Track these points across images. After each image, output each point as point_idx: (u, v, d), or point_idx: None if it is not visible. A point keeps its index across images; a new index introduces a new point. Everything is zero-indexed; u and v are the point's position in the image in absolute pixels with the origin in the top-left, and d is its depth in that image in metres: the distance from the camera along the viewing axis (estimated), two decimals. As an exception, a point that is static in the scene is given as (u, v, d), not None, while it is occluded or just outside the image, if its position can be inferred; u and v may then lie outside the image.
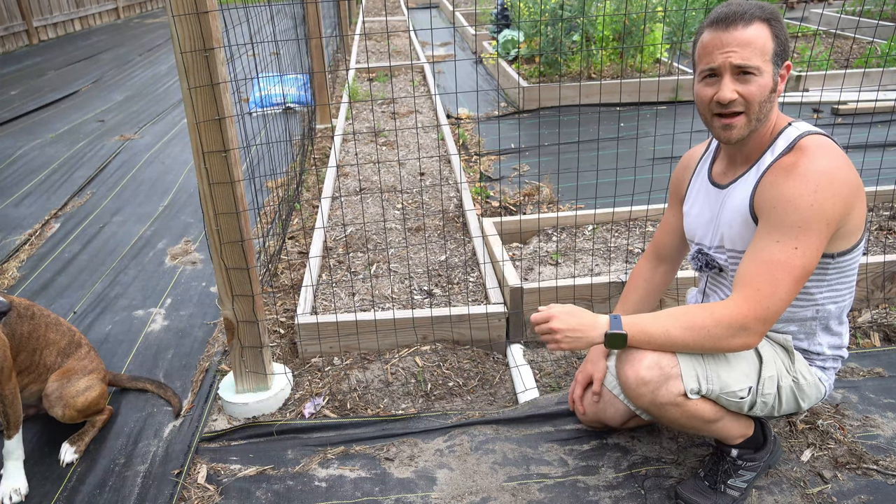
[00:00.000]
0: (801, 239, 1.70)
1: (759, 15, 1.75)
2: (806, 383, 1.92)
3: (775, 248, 1.72)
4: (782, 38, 1.76)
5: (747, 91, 1.75)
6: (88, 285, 3.55)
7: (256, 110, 6.06)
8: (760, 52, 1.73)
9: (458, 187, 4.52)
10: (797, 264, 1.71)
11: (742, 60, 1.74)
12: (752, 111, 1.77)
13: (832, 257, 1.81)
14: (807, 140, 1.77)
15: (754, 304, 1.74)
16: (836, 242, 1.79)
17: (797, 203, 1.69)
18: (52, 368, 2.35)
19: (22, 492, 2.16)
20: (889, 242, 3.45)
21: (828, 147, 1.75)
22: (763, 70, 1.74)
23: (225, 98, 2.14)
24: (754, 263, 1.75)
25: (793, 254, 1.71)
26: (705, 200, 2.01)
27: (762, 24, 1.74)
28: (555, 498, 2.10)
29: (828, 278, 1.85)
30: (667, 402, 1.81)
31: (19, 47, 11.07)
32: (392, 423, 2.46)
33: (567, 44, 6.44)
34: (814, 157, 1.72)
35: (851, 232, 1.79)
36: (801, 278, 1.73)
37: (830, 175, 1.69)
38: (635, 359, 1.83)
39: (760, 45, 1.73)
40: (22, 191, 4.91)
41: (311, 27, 5.83)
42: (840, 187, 1.70)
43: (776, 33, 1.75)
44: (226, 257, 2.32)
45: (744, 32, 1.73)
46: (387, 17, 11.28)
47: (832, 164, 1.70)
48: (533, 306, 2.86)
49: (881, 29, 8.11)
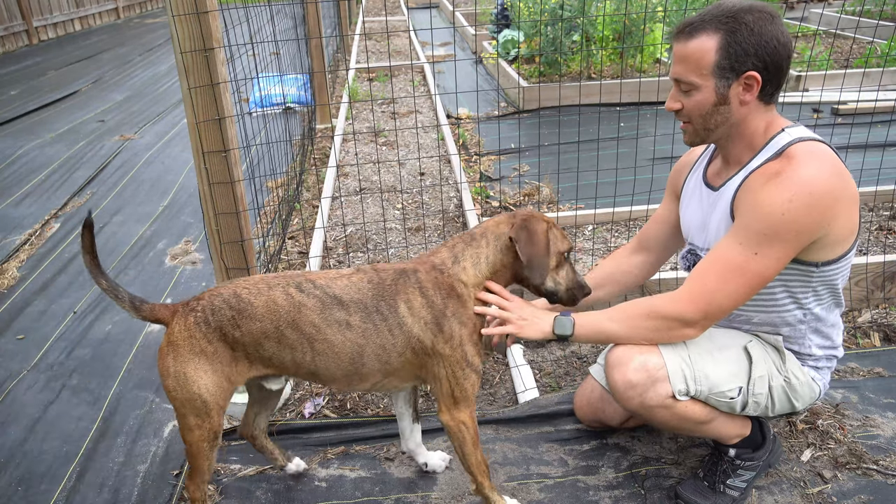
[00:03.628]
0: (763, 245, 1.68)
1: (712, 25, 1.69)
2: (798, 383, 1.91)
3: (736, 250, 1.71)
4: (735, 48, 1.67)
5: (686, 104, 1.78)
6: (88, 285, 3.55)
7: (256, 110, 6.06)
8: (696, 67, 1.72)
9: (458, 187, 4.52)
10: (753, 269, 1.70)
11: (676, 75, 1.77)
12: (695, 122, 1.80)
13: (816, 266, 1.78)
14: (797, 147, 1.72)
15: (696, 298, 1.74)
16: (819, 251, 1.75)
17: (768, 210, 1.67)
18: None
19: None
20: (889, 242, 3.45)
21: (818, 155, 1.69)
22: (699, 85, 1.73)
23: (225, 98, 2.14)
24: (710, 260, 1.76)
25: (751, 258, 1.69)
26: (699, 202, 2.00)
27: (711, 34, 1.68)
28: (555, 498, 2.10)
29: (812, 285, 1.83)
30: (656, 404, 1.81)
31: (19, 47, 11.07)
32: (392, 423, 2.46)
33: (567, 44, 6.44)
34: (799, 165, 1.67)
35: (837, 242, 1.75)
36: (755, 284, 1.72)
37: (811, 186, 1.64)
38: (622, 362, 1.83)
39: (696, 59, 1.71)
40: (22, 191, 4.91)
41: (311, 27, 5.83)
42: (819, 200, 1.65)
43: (725, 44, 1.67)
44: (226, 257, 2.32)
45: (684, 46, 1.73)
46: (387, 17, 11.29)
47: (817, 175, 1.66)
48: (533, 306, 2.86)
49: (881, 29, 8.11)
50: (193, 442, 1.80)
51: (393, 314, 1.76)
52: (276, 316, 1.74)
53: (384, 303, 1.76)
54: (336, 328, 1.75)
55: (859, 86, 5.21)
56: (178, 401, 1.76)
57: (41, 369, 2.86)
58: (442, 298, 1.77)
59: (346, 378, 1.82)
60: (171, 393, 1.76)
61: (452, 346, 1.76)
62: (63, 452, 2.38)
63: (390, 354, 1.78)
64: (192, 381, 1.73)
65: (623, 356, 1.83)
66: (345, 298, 1.76)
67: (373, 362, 1.79)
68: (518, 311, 1.84)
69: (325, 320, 1.75)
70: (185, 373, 1.73)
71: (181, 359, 1.73)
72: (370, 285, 1.78)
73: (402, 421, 2.14)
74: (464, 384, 1.80)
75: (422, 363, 1.81)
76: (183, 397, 1.75)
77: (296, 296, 1.76)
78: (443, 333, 1.76)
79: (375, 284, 1.78)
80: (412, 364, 1.82)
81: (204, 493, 1.87)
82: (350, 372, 1.80)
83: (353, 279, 1.80)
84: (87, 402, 2.65)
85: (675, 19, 6.55)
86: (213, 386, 1.75)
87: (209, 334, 1.74)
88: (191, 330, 1.74)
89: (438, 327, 1.76)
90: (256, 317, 1.74)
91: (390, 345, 1.77)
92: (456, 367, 1.78)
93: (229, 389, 1.80)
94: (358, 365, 1.79)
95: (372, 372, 1.81)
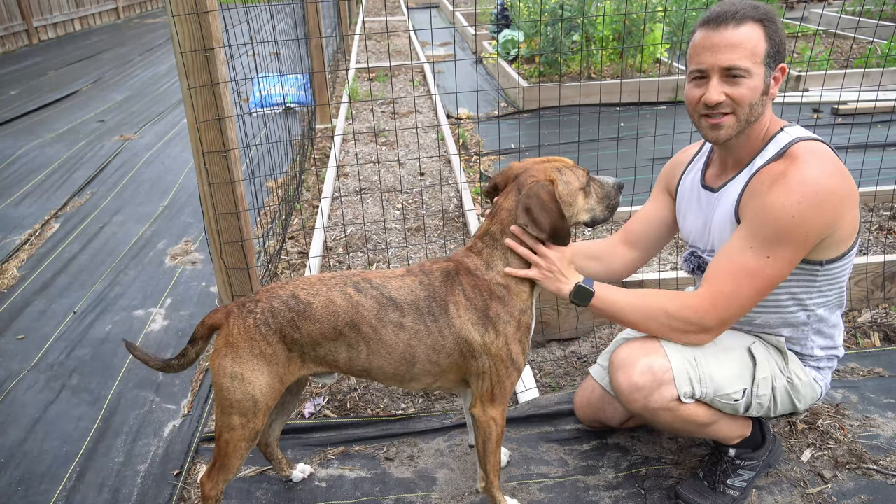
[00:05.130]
0: (775, 250, 1.68)
1: (753, 15, 1.69)
2: (801, 383, 1.91)
3: (748, 255, 1.71)
4: (777, 39, 1.71)
5: (736, 93, 1.72)
6: (88, 285, 3.55)
7: (256, 110, 6.06)
8: (751, 54, 1.69)
9: (458, 187, 4.52)
10: (766, 274, 1.70)
11: (730, 62, 1.70)
12: (741, 113, 1.74)
13: (820, 265, 1.79)
14: (798, 147, 1.72)
15: (716, 303, 1.74)
16: (824, 250, 1.75)
17: (778, 214, 1.66)
18: None
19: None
20: (889, 242, 3.45)
21: (820, 154, 1.69)
22: (753, 72, 1.70)
23: (225, 98, 2.14)
24: (725, 265, 1.75)
25: (764, 263, 1.69)
26: (698, 206, 1.99)
27: (755, 24, 1.69)
28: (555, 498, 2.10)
29: (817, 284, 1.83)
30: (660, 407, 1.80)
31: (19, 47, 11.07)
32: (392, 423, 2.46)
33: (567, 44, 6.44)
34: (803, 165, 1.67)
35: (842, 240, 1.76)
36: (766, 288, 1.73)
37: (817, 186, 1.65)
38: (627, 364, 1.82)
39: (751, 46, 1.69)
40: (22, 191, 4.91)
41: (311, 27, 5.83)
42: (826, 199, 1.65)
43: (770, 34, 1.70)
44: (226, 257, 2.32)
45: (734, 33, 1.69)
46: (387, 17, 11.28)
47: (821, 175, 1.66)
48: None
49: (881, 29, 8.11)
50: (232, 441, 1.78)
51: (444, 316, 1.79)
52: (334, 316, 1.76)
53: (435, 304, 1.79)
54: (391, 329, 1.78)
55: (859, 86, 5.21)
56: (229, 400, 1.74)
57: (41, 369, 2.86)
58: (483, 301, 1.79)
59: (398, 377, 1.85)
60: (223, 392, 1.74)
61: (498, 345, 1.79)
62: (63, 452, 2.38)
63: (440, 355, 1.81)
64: (248, 382, 1.73)
65: (628, 358, 1.82)
66: (399, 300, 1.79)
67: (423, 363, 1.82)
68: (546, 263, 1.81)
69: (380, 321, 1.77)
70: (243, 374, 1.73)
71: (240, 360, 1.73)
72: (421, 287, 1.81)
73: (470, 416, 2.16)
74: (505, 382, 1.83)
75: (468, 363, 1.83)
76: (236, 397, 1.74)
77: (354, 296, 1.78)
78: (489, 334, 1.78)
79: (426, 286, 1.81)
80: (459, 366, 1.84)
81: (221, 493, 1.86)
82: (402, 371, 1.83)
83: (405, 281, 1.83)
84: (87, 402, 2.65)
85: (675, 19, 6.56)
86: (266, 387, 1.75)
87: (269, 336, 1.74)
88: (251, 332, 1.74)
89: (485, 328, 1.78)
90: (316, 318, 1.75)
91: (439, 345, 1.80)
92: (500, 366, 1.81)
93: (280, 390, 1.80)
94: (409, 365, 1.82)
95: (423, 372, 1.84)
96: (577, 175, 1.84)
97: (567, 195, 1.81)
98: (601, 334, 2.95)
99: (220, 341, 1.77)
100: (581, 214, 1.86)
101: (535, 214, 1.75)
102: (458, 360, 1.82)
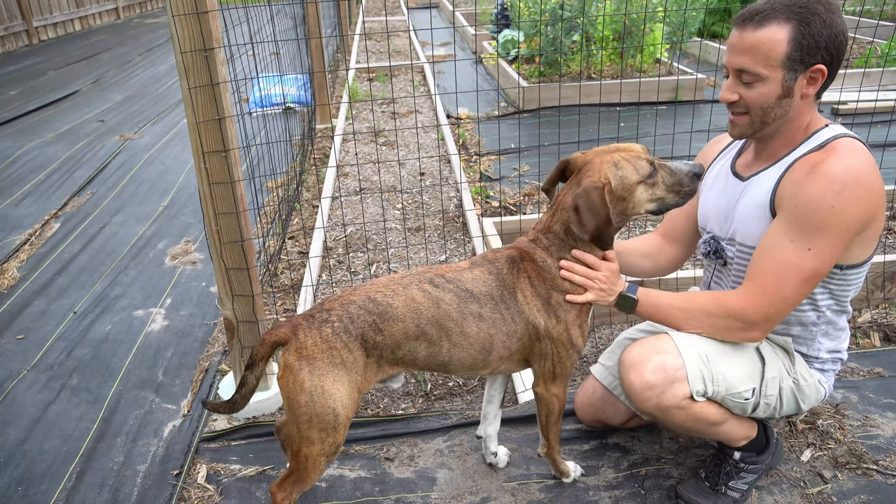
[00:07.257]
0: (816, 241, 1.66)
1: (783, 14, 1.63)
2: (806, 384, 1.91)
3: (789, 248, 1.69)
4: (808, 40, 1.63)
5: (747, 95, 1.71)
6: (88, 285, 3.55)
7: (256, 110, 6.06)
8: (764, 58, 1.65)
9: (458, 187, 4.52)
10: (809, 266, 1.68)
11: (741, 65, 1.69)
12: (753, 115, 1.73)
13: (840, 269, 1.78)
14: (840, 141, 1.71)
15: (759, 299, 1.73)
16: (851, 251, 1.73)
17: (818, 204, 1.64)
18: None
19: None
20: (889, 242, 3.45)
21: (860, 150, 1.68)
22: (765, 76, 1.67)
23: (225, 98, 2.14)
24: (765, 260, 1.73)
25: (805, 255, 1.67)
26: (723, 189, 1.96)
27: (782, 24, 1.63)
28: (555, 498, 2.10)
29: (831, 287, 1.82)
30: (672, 405, 1.79)
31: (19, 47, 11.07)
32: (392, 423, 2.46)
33: (567, 44, 6.44)
34: (843, 156, 1.65)
35: (868, 241, 1.74)
36: (811, 280, 1.70)
37: (857, 177, 1.63)
38: (639, 363, 1.81)
39: (766, 50, 1.64)
40: (22, 191, 4.91)
41: (311, 27, 5.83)
42: (865, 191, 1.63)
43: (800, 35, 1.63)
44: (226, 257, 2.32)
45: (752, 35, 1.66)
46: (387, 17, 11.29)
47: (861, 166, 1.64)
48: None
49: (881, 29, 8.11)
50: (312, 456, 1.72)
51: (514, 303, 1.84)
52: (417, 314, 1.77)
53: (506, 292, 1.85)
54: (472, 320, 1.81)
55: (859, 86, 5.20)
56: (308, 416, 1.67)
57: (41, 369, 2.86)
58: (546, 289, 1.85)
59: (473, 366, 1.89)
60: (301, 408, 1.67)
61: (560, 330, 1.85)
62: (63, 452, 2.38)
63: (512, 340, 1.86)
64: (328, 395, 1.67)
65: (640, 357, 1.82)
66: (475, 291, 1.83)
67: (499, 349, 1.87)
68: (599, 284, 1.85)
69: (461, 314, 1.80)
70: (323, 386, 1.66)
71: (318, 372, 1.66)
72: (492, 276, 1.86)
73: (490, 405, 2.17)
74: (565, 363, 1.90)
75: (533, 345, 1.89)
76: (315, 412, 1.67)
77: (433, 292, 1.80)
78: (552, 319, 1.85)
79: (495, 276, 1.86)
80: (526, 348, 1.90)
81: (294, 503, 1.80)
82: (478, 360, 1.87)
83: (475, 272, 1.87)
84: (86, 402, 2.65)
85: (675, 19, 6.56)
86: (346, 398, 1.70)
87: (350, 343, 1.71)
88: (329, 341, 1.68)
89: (548, 314, 1.85)
90: (398, 317, 1.75)
91: (512, 331, 1.85)
92: (561, 348, 1.88)
93: (357, 401, 1.75)
94: (487, 353, 1.86)
95: (496, 358, 1.89)
96: (637, 167, 1.78)
97: (622, 190, 1.78)
98: (601, 334, 2.95)
99: (291, 357, 1.68)
100: (641, 206, 1.82)
101: (582, 215, 1.77)
102: (527, 343, 1.88)
